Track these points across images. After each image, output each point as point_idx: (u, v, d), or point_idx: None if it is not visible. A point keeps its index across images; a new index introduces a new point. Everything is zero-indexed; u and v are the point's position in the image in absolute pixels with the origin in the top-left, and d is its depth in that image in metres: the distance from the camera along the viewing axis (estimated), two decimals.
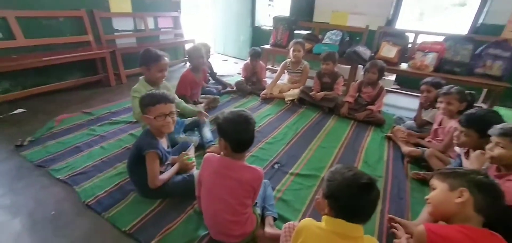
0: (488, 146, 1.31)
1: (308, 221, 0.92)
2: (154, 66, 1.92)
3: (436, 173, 1.12)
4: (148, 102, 1.41)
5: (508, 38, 2.97)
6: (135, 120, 2.39)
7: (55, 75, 3.09)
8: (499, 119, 1.44)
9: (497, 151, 1.25)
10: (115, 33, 3.71)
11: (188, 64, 2.74)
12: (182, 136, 2.06)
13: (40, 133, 2.15)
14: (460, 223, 0.93)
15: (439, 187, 1.04)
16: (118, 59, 3.42)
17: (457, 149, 1.84)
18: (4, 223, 1.36)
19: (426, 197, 1.11)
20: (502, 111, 2.79)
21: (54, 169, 1.74)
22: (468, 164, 1.56)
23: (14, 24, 2.70)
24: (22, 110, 2.58)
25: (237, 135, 1.13)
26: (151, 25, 4.16)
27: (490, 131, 1.32)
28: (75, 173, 1.71)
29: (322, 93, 3.00)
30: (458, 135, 1.62)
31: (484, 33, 3.34)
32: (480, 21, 3.48)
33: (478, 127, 1.48)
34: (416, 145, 2.23)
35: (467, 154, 1.63)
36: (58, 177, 1.67)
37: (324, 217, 0.90)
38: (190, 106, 2.51)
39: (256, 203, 1.35)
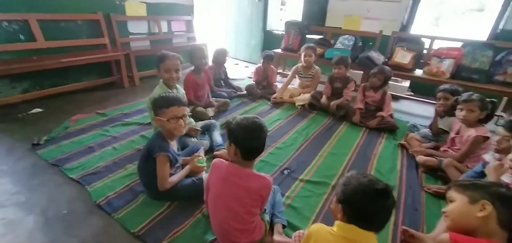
0: (510, 156, 1.24)
1: (318, 226, 0.92)
2: (161, 66, 1.94)
3: (453, 184, 1.06)
4: (162, 104, 1.42)
5: None
6: (148, 122, 2.44)
7: (72, 76, 3.19)
8: None
9: None
10: (130, 36, 3.79)
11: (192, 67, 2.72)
12: (192, 140, 2.07)
13: (56, 133, 2.21)
14: (483, 238, 0.88)
15: (458, 200, 0.98)
16: (132, 61, 3.50)
17: (486, 157, 1.74)
18: (18, 220, 1.39)
19: (443, 209, 1.05)
20: None
21: (68, 168, 1.78)
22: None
23: (35, 27, 2.80)
24: (40, 109, 2.67)
25: (249, 142, 1.10)
26: (164, 28, 4.23)
27: None
28: (87, 173, 1.74)
29: (334, 105, 2.93)
30: (501, 140, 1.52)
31: (505, 39, 3.20)
32: (501, 26, 3.34)
33: None
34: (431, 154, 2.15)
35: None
36: (71, 176, 1.71)
37: (337, 222, 0.89)
38: (199, 109, 2.54)
39: (265, 209, 1.33)
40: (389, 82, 2.86)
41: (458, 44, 3.10)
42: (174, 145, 1.53)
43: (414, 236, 1.36)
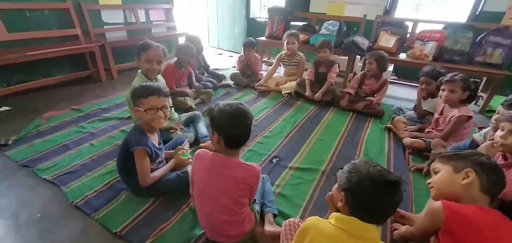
0: (498, 134, 1.25)
1: (315, 219, 0.84)
2: (143, 56, 1.81)
3: (438, 156, 1.08)
4: (140, 94, 1.32)
5: (508, 25, 2.93)
6: (128, 116, 2.31)
7: (41, 71, 2.97)
8: None
9: (511, 139, 1.18)
10: (105, 27, 3.57)
11: (174, 58, 2.60)
12: (177, 133, 1.97)
13: (26, 131, 2.05)
14: (468, 204, 0.90)
15: (442, 170, 1.01)
16: (108, 53, 3.30)
17: (476, 136, 1.76)
18: None
19: (428, 181, 1.07)
20: (501, 99, 2.76)
21: (40, 168, 1.65)
22: None
23: None
24: (7, 108, 2.46)
25: (233, 130, 1.03)
26: (142, 17, 4.01)
27: (502, 118, 1.25)
28: (62, 173, 1.62)
29: (319, 95, 2.89)
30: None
31: (484, 20, 3.28)
32: (480, 8, 3.42)
33: None
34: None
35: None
36: (44, 177, 1.58)
37: (333, 214, 0.82)
38: (179, 99, 2.46)
39: (255, 200, 1.28)
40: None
41: (440, 27, 3.14)
42: (154, 138, 1.43)
43: (404, 216, 1.36)
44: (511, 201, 1.13)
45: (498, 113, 1.57)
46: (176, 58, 2.61)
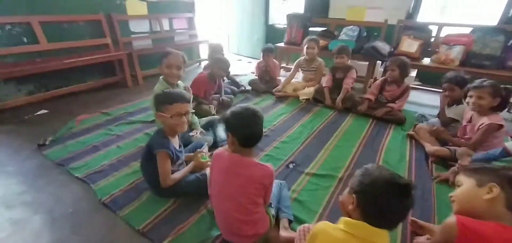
0: None
1: (324, 224, 0.85)
2: (164, 62, 1.93)
3: (462, 168, 1.04)
4: (165, 100, 1.40)
5: None
6: (152, 120, 2.44)
7: (75, 77, 3.20)
8: None
9: None
10: (132, 36, 3.79)
11: (203, 65, 2.71)
12: (197, 135, 2.05)
13: (61, 133, 2.22)
14: (491, 221, 0.86)
15: (466, 184, 0.97)
16: (134, 60, 3.50)
17: (508, 144, 1.66)
18: (25, 219, 1.40)
19: (450, 194, 1.03)
20: None
21: (73, 167, 1.79)
22: None
23: (37, 29, 2.81)
24: (45, 111, 2.69)
25: (244, 129, 1.11)
26: (166, 26, 4.21)
27: None
28: (92, 172, 1.74)
29: (339, 103, 2.87)
30: None
31: None
32: None
33: None
34: (444, 144, 2.10)
35: None
36: (76, 175, 1.71)
37: (342, 218, 0.83)
38: (204, 107, 2.54)
39: (270, 204, 1.30)
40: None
41: (468, 30, 3.00)
42: (175, 142, 1.51)
43: (423, 227, 1.32)
44: None
45: None
46: (209, 69, 2.71)
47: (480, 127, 1.82)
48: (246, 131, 1.11)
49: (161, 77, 1.99)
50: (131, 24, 3.76)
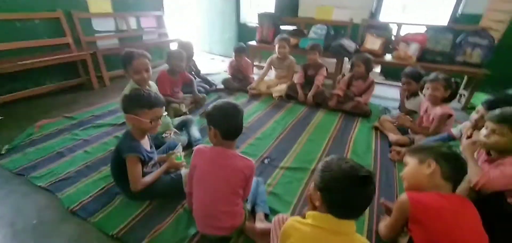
0: (483, 132, 1.33)
1: (293, 221, 0.87)
2: (130, 68, 1.81)
3: (407, 151, 1.18)
4: (145, 104, 1.35)
5: (485, 26, 3.08)
6: (122, 123, 2.35)
7: (33, 80, 2.97)
8: None
9: (494, 138, 1.24)
10: (96, 35, 3.58)
11: (166, 65, 2.64)
12: (171, 136, 2.01)
13: (19, 140, 2.06)
14: (433, 191, 0.99)
15: (410, 163, 1.11)
16: (100, 61, 3.32)
17: (453, 130, 1.88)
18: None
19: (401, 173, 1.17)
20: (481, 96, 2.90)
21: (35, 176, 1.67)
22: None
23: None
24: None
25: (227, 121, 1.15)
26: (133, 25, 4.04)
27: (486, 117, 1.32)
28: (57, 180, 1.64)
29: (311, 98, 3.00)
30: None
31: (463, 22, 3.45)
32: (459, 11, 3.58)
33: None
34: (404, 133, 2.28)
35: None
36: (39, 184, 1.60)
37: (309, 213, 0.86)
38: (174, 105, 2.50)
39: (247, 199, 1.34)
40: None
41: (423, 29, 3.28)
42: (145, 143, 1.48)
43: (390, 208, 1.43)
44: (491, 193, 1.22)
45: (477, 112, 1.67)
46: (167, 65, 2.63)
47: (435, 116, 2.02)
48: (228, 124, 1.16)
49: (131, 81, 1.90)
50: (95, 22, 3.55)
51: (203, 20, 5.70)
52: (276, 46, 3.19)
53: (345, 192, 0.78)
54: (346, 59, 3.67)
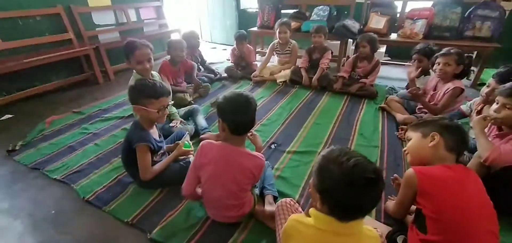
0: (493, 107, 1.32)
1: (295, 221, 0.83)
2: (132, 58, 1.85)
3: (409, 126, 1.18)
4: (151, 95, 1.37)
5: None
6: (129, 115, 2.38)
7: (39, 77, 3.01)
8: None
9: (504, 112, 1.25)
10: (97, 29, 3.59)
11: (168, 56, 2.64)
12: (178, 126, 2.04)
13: (31, 136, 2.11)
14: (438, 164, 1.00)
15: (413, 137, 1.11)
16: (103, 55, 3.33)
17: (463, 107, 1.85)
18: (6, 226, 1.34)
19: (404, 149, 1.17)
20: (492, 72, 2.84)
21: (50, 170, 1.72)
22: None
23: None
24: (10, 115, 2.51)
25: (235, 116, 1.08)
26: (133, 17, 4.03)
27: (497, 92, 1.31)
28: (71, 172, 1.69)
29: (315, 81, 2.97)
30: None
31: None
32: None
33: None
34: (412, 113, 2.26)
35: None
36: (54, 177, 1.65)
37: (313, 212, 0.79)
38: (179, 95, 2.51)
39: (255, 185, 1.36)
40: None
41: (429, 4, 3.18)
42: (154, 132, 1.50)
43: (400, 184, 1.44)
44: (501, 168, 1.23)
45: (488, 86, 1.64)
46: (168, 55, 2.63)
47: (446, 92, 1.97)
48: (237, 118, 1.09)
49: (134, 71, 1.93)
50: (95, 16, 3.55)
51: (203, 9, 5.63)
52: (277, 32, 3.15)
53: (348, 195, 0.68)
54: (350, 40, 3.61)
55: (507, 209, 1.29)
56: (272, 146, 1.96)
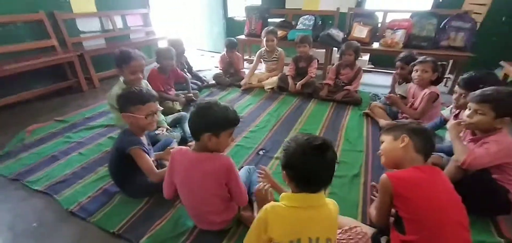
0: (466, 113, 1.40)
1: (270, 207, 0.91)
2: (126, 68, 1.84)
3: (382, 130, 1.25)
4: (138, 101, 1.37)
5: (467, 10, 3.17)
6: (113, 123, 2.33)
7: (20, 85, 2.89)
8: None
9: (476, 118, 1.33)
10: (81, 35, 3.52)
11: (155, 63, 2.63)
12: (164, 133, 2.02)
13: (11, 146, 2.03)
14: (408, 166, 1.07)
15: (386, 140, 1.17)
16: (87, 62, 3.26)
17: (443, 112, 1.95)
18: None
19: (378, 152, 1.23)
20: None
21: (31, 180, 1.66)
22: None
23: None
24: None
25: (191, 120, 1.10)
26: (119, 24, 3.98)
27: (468, 99, 1.38)
28: (54, 183, 1.64)
29: (299, 86, 3.04)
30: (458, 98, 1.66)
31: (446, 7, 3.54)
32: None
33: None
34: (394, 118, 2.36)
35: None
36: (36, 188, 1.60)
37: (283, 194, 0.92)
38: (168, 104, 2.50)
39: None
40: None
41: (408, 15, 3.35)
42: (143, 139, 1.49)
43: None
44: (477, 170, 1.30)
45: (456, 92, 1.75)
46: (157, 64, 2.62)
47: (423, 98, 2.09)
48: (193, 124, 1.11)
49: (121, 79, 1.91)
50: (79, 22, 3.49)
51: (191, 16, 5.64)
52: (264, 40, 3.21)
53: (306, 164, 0.85)
54: (334, 49, 3.72)
55: (482, 209, 1.38)
56: (260, 152, 1.99)
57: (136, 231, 1.31)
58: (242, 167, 1.60)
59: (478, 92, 1.34)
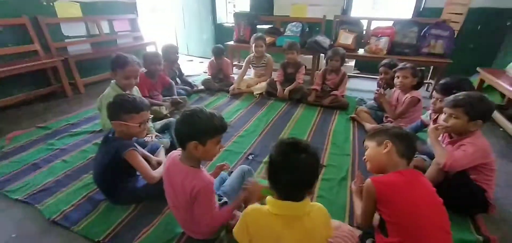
0: (442, 117, 1.47)
1: (252, 209, 0.92)
2: (119, 72, 1.84)
3: (366, 136, 1.27)
4: (133, 109, 1.36)
5: (446, 19, 3.33)
6: (100, 129, 2.28)
7: (0, 90, 2.79)
8: (488, 102, 1.37)
9: (451, 121, 1.40)
10: (66, 40, 3.44)
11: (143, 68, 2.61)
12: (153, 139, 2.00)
13: None
14: (392, 170, 1.09)
15: (370, 145, 1.20)
16: (72, 67, 3.18)
17: (423, 117, 2.03)
18: None
19: (364, 157, 1.25)
20: None
21: (10, 190, 1.59)
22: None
23: None
24: None
25: (176, 129, 1.07)
26: (106, 29, 3.91)
27: (443, 104, 1.46)
28: (35, 191, 1.58)
29: (287, 92, 3.08)
30: (435, 102, 1.75)
31: (427, 15, 3.70)
32: (422, 5, 3.84)
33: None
34: (379, 122, 2.43)
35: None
36: (16, 197, 1.53)
37: (269, 199, 0.91)
38: (154, 108, 2.46)
39: (226, 202, 1.30)
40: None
41: (391, 23, 3.47)
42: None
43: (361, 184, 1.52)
44: (457, 172, 1.36)
45: (433, 97, 1.83)
46: (144, 68, 2.60)
47: (404, 101, 2.19)
48: (176, 132, 1.08)
49: (113, 81, 1.90)
50: (64, 27, 3.41)
51: (179, 21, 5.63)
52: (253, 46, 3.25)
53: (283, 167, 0.84)
54: (322, 55, 3.80)
55: (462, 209, 1.44)
56: (250, 157, 1.99)
57: (122, 239, 1.28)
58: (232, 172, 1.59)
59: (451, 97, 1.42)
